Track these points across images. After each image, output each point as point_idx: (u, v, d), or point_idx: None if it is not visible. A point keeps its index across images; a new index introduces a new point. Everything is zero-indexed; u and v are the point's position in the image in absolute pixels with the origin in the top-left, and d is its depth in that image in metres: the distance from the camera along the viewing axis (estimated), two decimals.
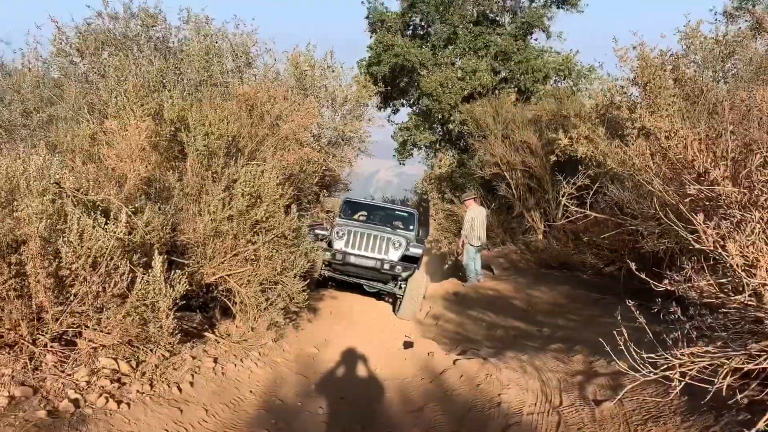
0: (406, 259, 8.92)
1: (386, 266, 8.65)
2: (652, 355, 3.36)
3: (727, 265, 3.34)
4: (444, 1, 19.61)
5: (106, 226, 4.04)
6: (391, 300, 10.51)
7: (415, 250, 8.98)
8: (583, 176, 10.02)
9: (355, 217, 10.68)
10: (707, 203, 4.16)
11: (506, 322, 8.16)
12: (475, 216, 11.01)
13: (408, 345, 7.33)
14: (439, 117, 20.56)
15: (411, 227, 10.55)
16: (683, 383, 3.35)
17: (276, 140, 8.10)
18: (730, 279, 3.38)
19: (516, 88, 18.69)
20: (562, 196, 9.96)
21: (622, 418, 3.75)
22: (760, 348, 3.19)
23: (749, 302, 3.27)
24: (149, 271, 4.09)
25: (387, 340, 8.09)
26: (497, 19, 20.26)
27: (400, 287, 9.33)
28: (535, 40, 20.14)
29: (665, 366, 3.31)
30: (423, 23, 21.06)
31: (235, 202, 5.21)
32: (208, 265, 5.26)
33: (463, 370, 5.44)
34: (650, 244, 6.41)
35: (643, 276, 3.57)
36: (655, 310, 3.61)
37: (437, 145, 22.56)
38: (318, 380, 5.51)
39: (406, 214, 11.00)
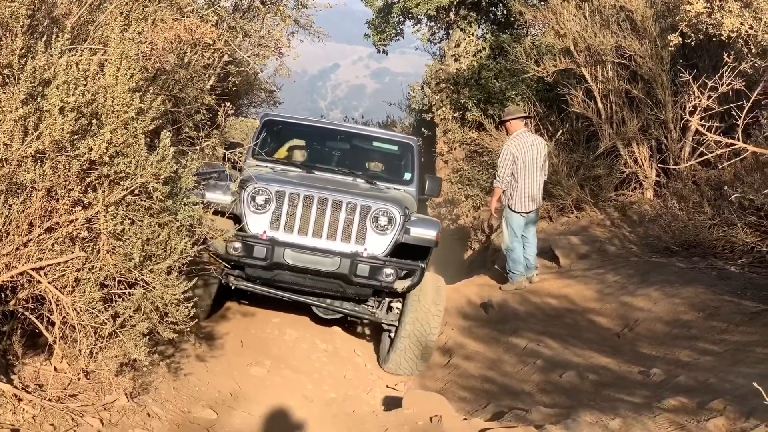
0: (402, 250, 8.68)
1: (361, 270, 8.36)
2: None
3: None
4: None
5: None
6: (369, 330, 10.55)
7: (421, 232, 8.75)
8: (732, 75, 10.07)
9: (286, 155, 10.52)
10: None
11: (581, 356, 8.27)
12: (524, 153, 11.06)
13: (393, 403, 7.39)
14: None
15: (408, 176, 10.41)
16: None
17: (129, 1, 7.97)
18: None
19: None
20: (692, 115, 10.02)
21: None
22: None
23: None
24: None
25: (352, 393, 8.13)
26: None
27: (391, 309, 9.25)
28: None
29: None
30: None
31: (46, 123, 5.13)
32: None
33: None
34: None
35: None
36: None
37: (451, 15, 22.43)
38: None
39: (395, 148, 10.91)
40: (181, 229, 5.94)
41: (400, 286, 8.46)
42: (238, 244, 8.20)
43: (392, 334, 9.12)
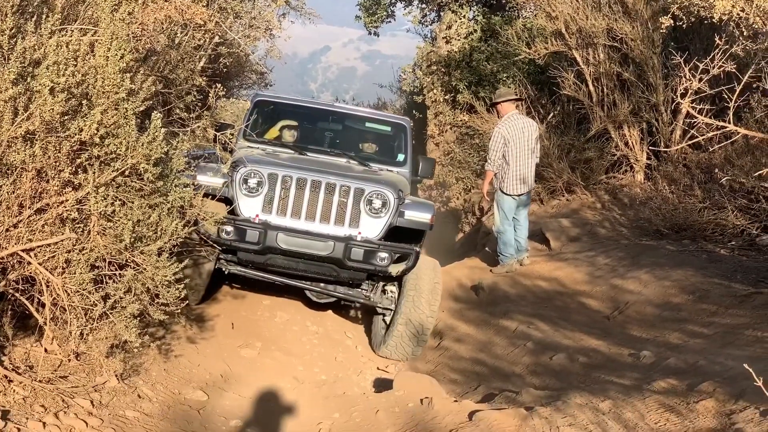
0: (396, 234, 8.61)
1: (355, 254, 8.26)
2: None
3: None
4: None
5: None
6: (360, 313, 10.54)
7: (416, 215, 8.67)
8: (723, 58, 10.06)
9: (278, 136, 10.38)
10: None
11: (572, 339, 8.29)
12: (515, 135, 11.06)
13: (383, 385, 7.41)
14: None
15: (402, 158, 10.32)
16: None
17: None
18: None
19: None
20: (683, 98, 10.01)
21: None
22: None
23: None
24: None
25: (343, 375, 8.14)
26: None
27: (385, 293, 9.20)
28: None
29: None
30: None
31: (37, 104, 5.11)
32: None
33: (488, 429, 5.51)
34: None
35: None
36: None
37: None
38: None
39: (388, 129, 10.80)
40: (172, 210, 5.93)
41: (395, 270, 8.41)
42: (230, 228, 8.09)
43: (387, 318, 9.08)
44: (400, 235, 8.59)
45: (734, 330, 7.44)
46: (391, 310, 8.99)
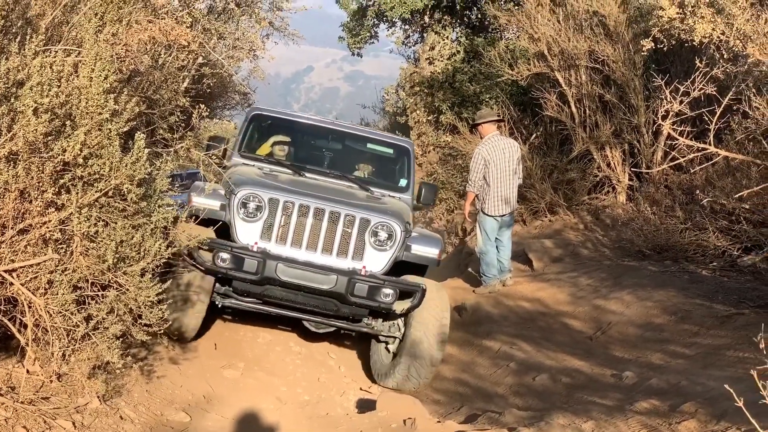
0: (401, 268, 8.35)
1: (359, 289, 7.85)
2: None
3: None
4: None
5: None
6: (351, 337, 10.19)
7: (423, 249, 8.42)
8: (703, 80, 10.17)
9: (274, 153, 9.85)
10: None
11: (555, 359, 8.31)
12: (496, 156, 11.10)
13: (367, 405, 7.40)
14: None
15: (404, 183, 9.85)
16: None
17: (104, 3, 7.93)
18: None
19: None
20: (664, 119, 10.11)
21: None
22: None
23: None
24: None
25: (326, 396, 8.12)
26: None
27: (394, 324, 8.61)
28: None
29: None
30: None
31: (20, 125, 5.11)
32: None
33: None
34: None
35: None
36: None
37: (426, 18, 22.48)
38: None
39: (390, 151, 10.30)
40: (156, 231, 5.92)
41: (399, 307, 8.02)
42: (226, 255, 7.69)
43: (391, 346, 8.61)
44: (402, 268, 8.39)
45: (716, 351, 7.48)
46: (396, 337, 8.53)
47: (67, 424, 5.55)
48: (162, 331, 6.12)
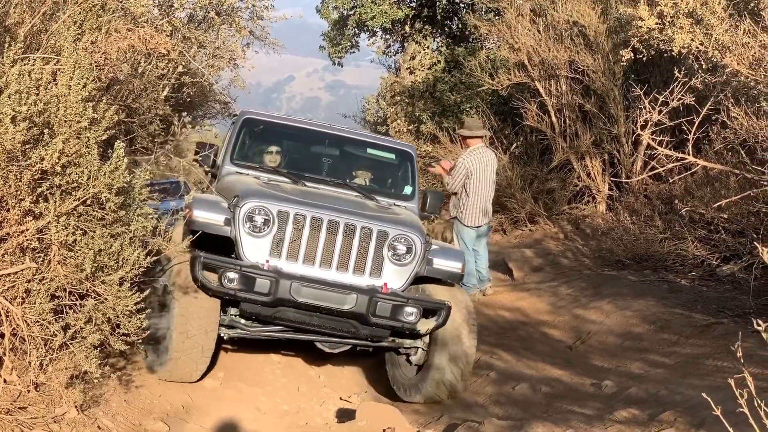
0: (420, 284, 7.79)
1: (381, 309, 7.17)
2: None
3: None
4: None
5: None
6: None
7: (446, 263, 7.74)
8: (682, 90, 10.23)
9: (268, 160, 9.12)
10: None
11: (534, 369, 8.31)
12: (478, 168, 11.12)
13: (346, 415, 7.38)
14: None
15: (409, 191, 9.26)
16: None
17: (82, 11, 7.91)
18: None
19: None
20: (643, 129, 10.16)
21: None
22: None
23: None
24: None
25: (305, 406, 8.10)
26: None
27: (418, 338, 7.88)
28: None
29: None
30: None
31: None
32: None
33: None
34: None
35: None
36: None
37: (407, 28, 22.53)
38: None
39: (392, 156, 9.59)
40: (134, 240, 5.90)
41: (424, 327, 7.37)
42: (233, 275, 6.94)
43: (413, 357, 7.97)
44: (423, 284, 7.79)
45: (695, 360, 7.51)
46: (418, 347, 7.89)
47: None
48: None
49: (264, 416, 7.52)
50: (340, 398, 8.52)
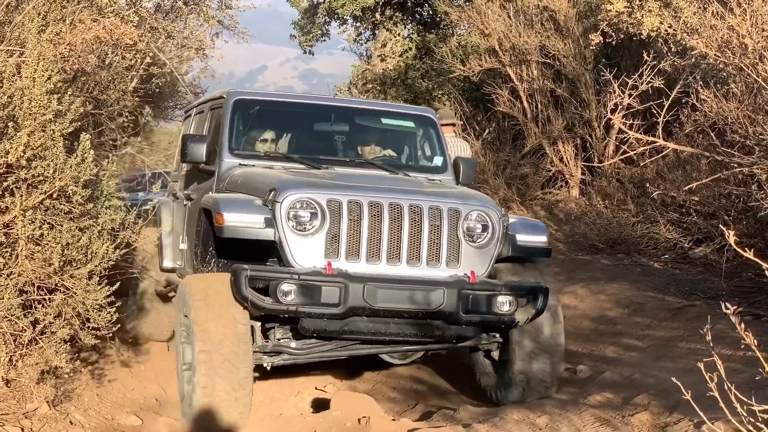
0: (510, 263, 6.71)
1: (475, 302, 6.06)
2: None
3: None
4: None
5: None
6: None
7: (530, 238, 6.59)
8: (652, 73, 10.26)
9: (271, 145, 7.83)
10: None
11: None
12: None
13: (321, 405, 7.38)
14: None
15: (440, 161, 8.01)
16: None
17: (47, 2, 7.84)
18: None
19: None
20: (614, 113, 10.19)
21: None
22: None
23: None
24: None
25: (280, 396, 8.09)
26: None
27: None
28: None
29: None
30: None
31: None
32: None
33: None
34: None
35: (760, 262, 3.66)
36: None
37: (377, 15, 22.46)
38: None
39: (412, 124, 8.30)
40: (103, 233, 5.87)
41: (522, 317, 6.20)
42: (289, 287, 5.72)
43: (495, 353, 6.85)
44: (514, 263, 6.70)
45: (668, 342, 7.55)
46: (497, 342, 6.72)
47: (16, 430, 5.50)
48: (111, 334, 5.97)
49: None
50: (316, 388, 8.51)
